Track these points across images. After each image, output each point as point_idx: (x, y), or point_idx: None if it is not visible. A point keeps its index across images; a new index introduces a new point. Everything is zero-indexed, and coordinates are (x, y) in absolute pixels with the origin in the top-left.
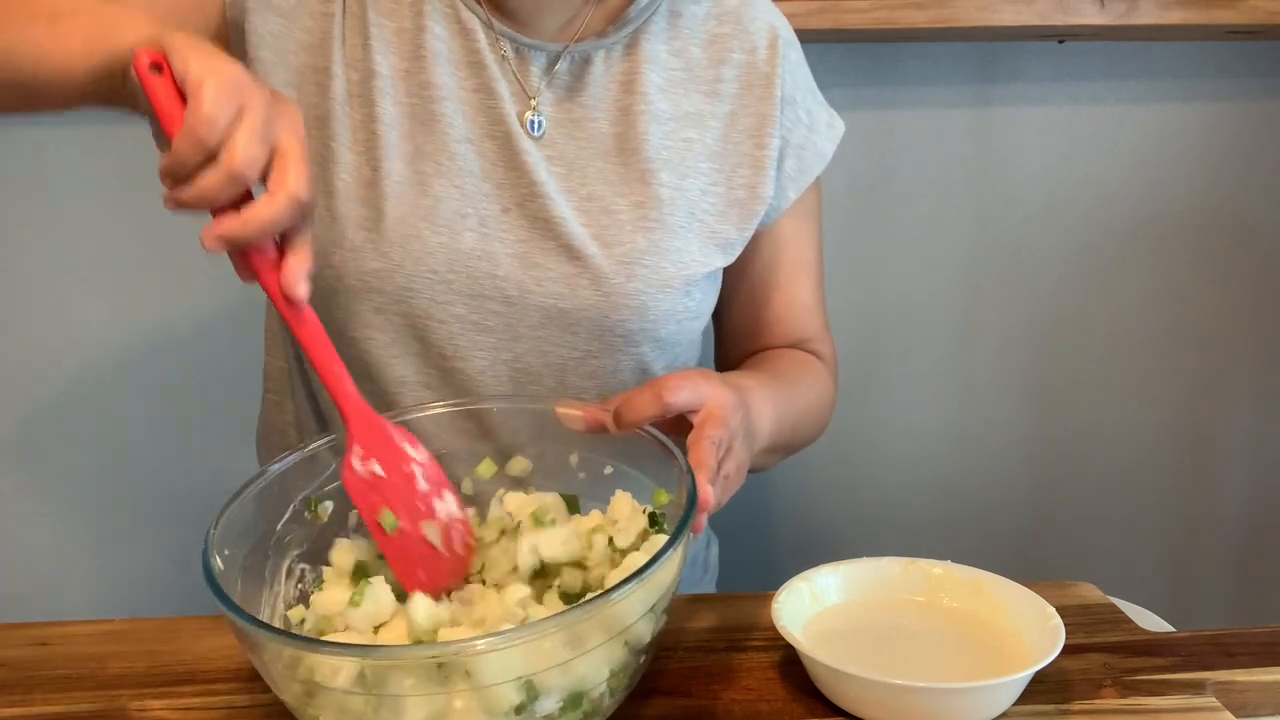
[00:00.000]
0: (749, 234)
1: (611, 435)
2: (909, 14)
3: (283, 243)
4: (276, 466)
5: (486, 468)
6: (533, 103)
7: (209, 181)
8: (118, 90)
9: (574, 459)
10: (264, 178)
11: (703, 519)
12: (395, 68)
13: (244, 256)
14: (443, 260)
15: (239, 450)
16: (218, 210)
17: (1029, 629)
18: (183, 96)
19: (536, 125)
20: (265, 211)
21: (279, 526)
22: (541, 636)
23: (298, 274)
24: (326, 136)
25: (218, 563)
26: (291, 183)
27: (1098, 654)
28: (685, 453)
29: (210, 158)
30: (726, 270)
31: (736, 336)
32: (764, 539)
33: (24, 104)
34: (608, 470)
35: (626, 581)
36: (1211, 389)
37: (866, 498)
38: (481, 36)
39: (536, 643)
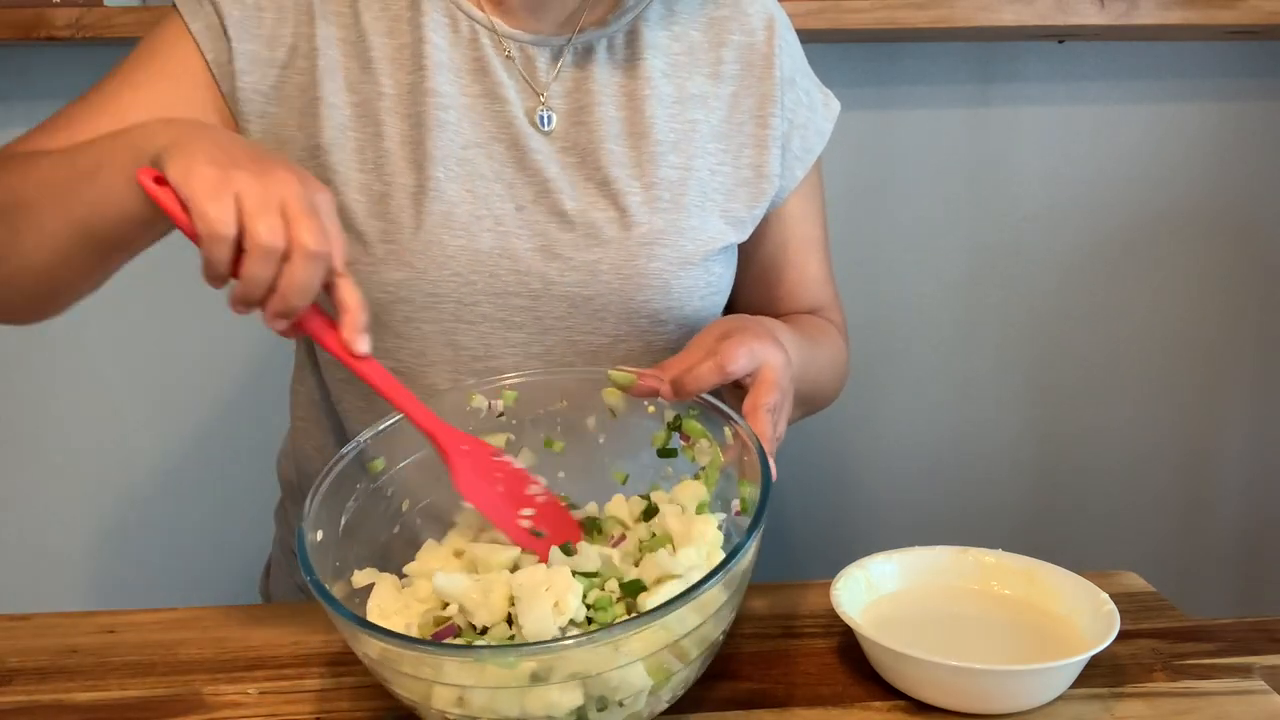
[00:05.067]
0: (760, 213)
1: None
2: (909, 14)
3: (333, 297)
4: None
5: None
6: (542, 98)
7: (250, 270)
8: None
9: (591, 421)
10: None
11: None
12: (400, 83)
13: (301, 326)
14: (464, 263)
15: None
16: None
17: (1082, 615)
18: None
19: (547, 120)
20: (292, 278)
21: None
22: (639, 630)
23: (354, 333)
24: (334, 162)
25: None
26: (299, 238)
27: (1146, 640)
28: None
29: (238, 248)
30: (739, 249)
31: (751, 312)
32: (764, 536)
33: (102, 260)
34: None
35: (715, 573)
36: (1212, 387)
37: (866, 496)
38: (485, 41)
39: (634, 636)
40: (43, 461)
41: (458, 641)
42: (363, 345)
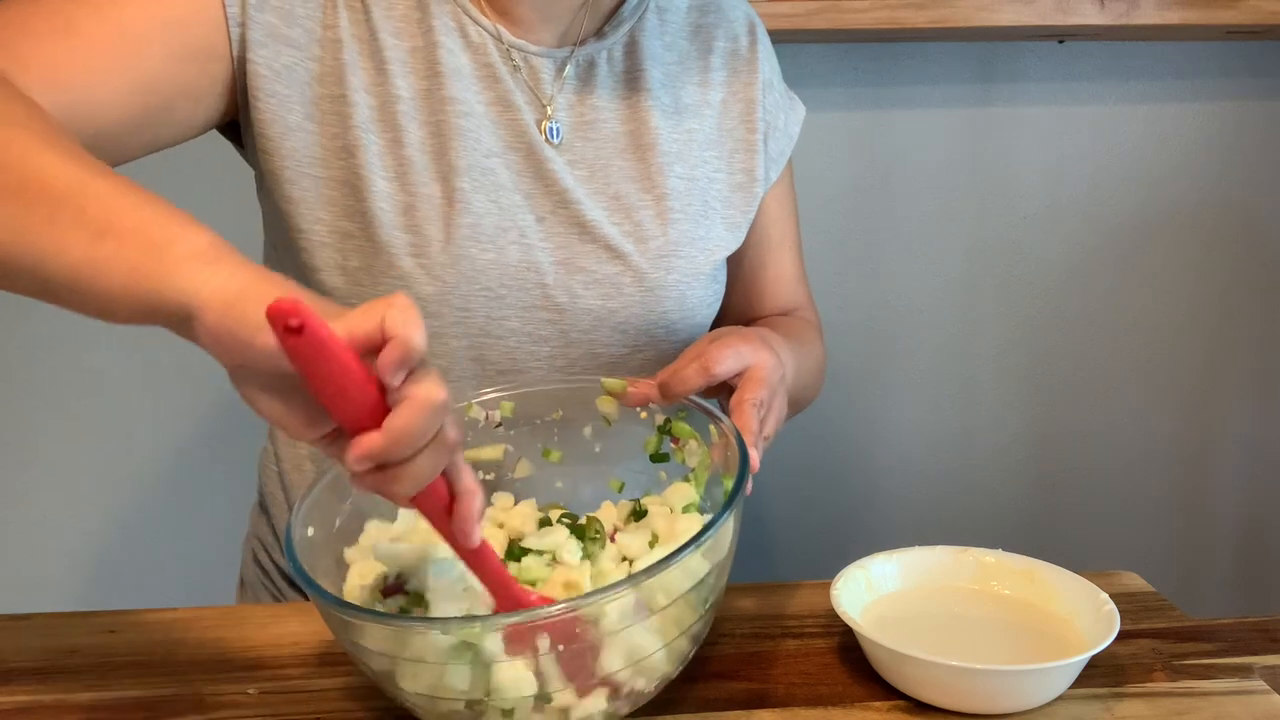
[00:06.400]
0: (752, 214)
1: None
2: (909, 14)
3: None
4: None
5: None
6: (548, 110)
7: (425, 465)
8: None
9: (588, 430)
10: None
11: (749, 482)
12: (415, 88)
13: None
14: (494, 277)
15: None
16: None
17: (1082, 615)
18: (332, 358)
19: (555, 132)
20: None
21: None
22: (611, 599)
23: (470, 521)
24: (356, 165)
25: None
26: (423, 392)
27: (1146, 640)
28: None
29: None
30: None
31: (731, 314)
32: (764, 536)
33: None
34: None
35: (686, 546)
36: (1212, 387)
37: (866, 497)
38: (492, 49)
39: (604, 606)
40: (43, 461)
41: (387, 609)
42: (476, 537)
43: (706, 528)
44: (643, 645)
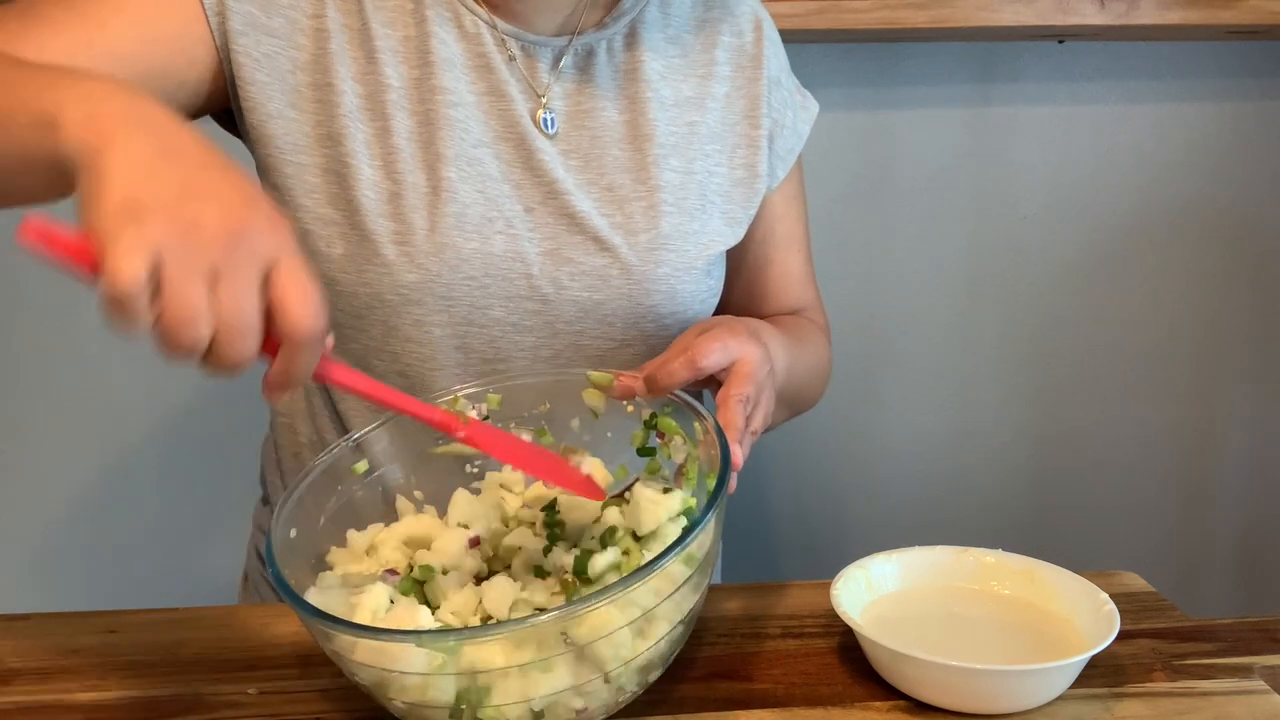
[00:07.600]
0: (753, 212)
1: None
2: (909, 14)
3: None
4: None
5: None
6: (543, 100)
7: (221, 355)
8: None
9: (575, 423)
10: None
11: (733, 479)
12: (406, 77)
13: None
14: (478, 266)
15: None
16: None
17: (1082, 615)
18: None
19: (550, 123)
20: (295, 367)
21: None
22: (592, 609)
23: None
24: (342, 153)
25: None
26: (293, 321)
27: (1146, 639)
28: (713, 408)
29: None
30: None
31: (733, 312)
32: (764, 536)
33: None
34: (608, 434)
35: (672, 548)
36: (1212, 386)
37: (866, 496)
38: (487, 39)
39: (590, 614)
40: (43, 461)
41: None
42: (277, 396)
43: (685, 534)
44: (610, 657)
